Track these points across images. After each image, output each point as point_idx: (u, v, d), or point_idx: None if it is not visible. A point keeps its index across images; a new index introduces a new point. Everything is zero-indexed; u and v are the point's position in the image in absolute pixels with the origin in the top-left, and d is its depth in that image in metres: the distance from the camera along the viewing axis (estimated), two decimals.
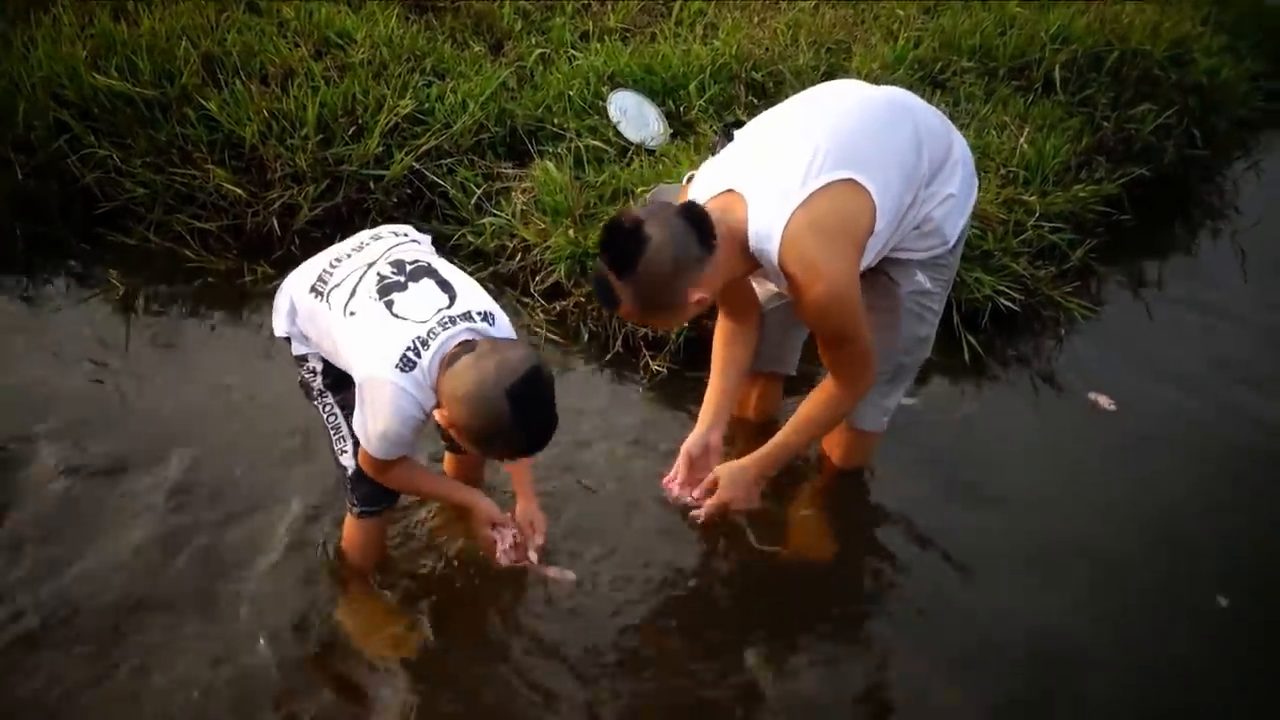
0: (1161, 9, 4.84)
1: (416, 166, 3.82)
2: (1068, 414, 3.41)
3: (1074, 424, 3.37)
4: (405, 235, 2.44)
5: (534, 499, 2.55)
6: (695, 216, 2.23)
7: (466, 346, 2.16)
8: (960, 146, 2.49)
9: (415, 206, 3.86)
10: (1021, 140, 3.95)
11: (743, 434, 3.01)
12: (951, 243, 2.50)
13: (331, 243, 2.51)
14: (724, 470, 2.56)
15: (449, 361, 2.15)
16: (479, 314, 2.24)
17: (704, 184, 2.38)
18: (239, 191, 3.67)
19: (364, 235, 2.43)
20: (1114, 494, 3.09)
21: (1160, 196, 4.42)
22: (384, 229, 2.46)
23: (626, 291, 2.23)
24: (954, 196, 2.43)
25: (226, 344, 3.41)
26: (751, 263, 2.33)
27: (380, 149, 3.79)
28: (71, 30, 3.98)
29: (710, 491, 2.57)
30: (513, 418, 2.07)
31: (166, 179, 3.70)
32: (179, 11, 4.13)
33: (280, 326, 2.44)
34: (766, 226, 2.24)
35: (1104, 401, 3.43)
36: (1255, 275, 4.18)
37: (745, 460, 2.57)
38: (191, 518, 2.82)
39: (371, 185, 3.77)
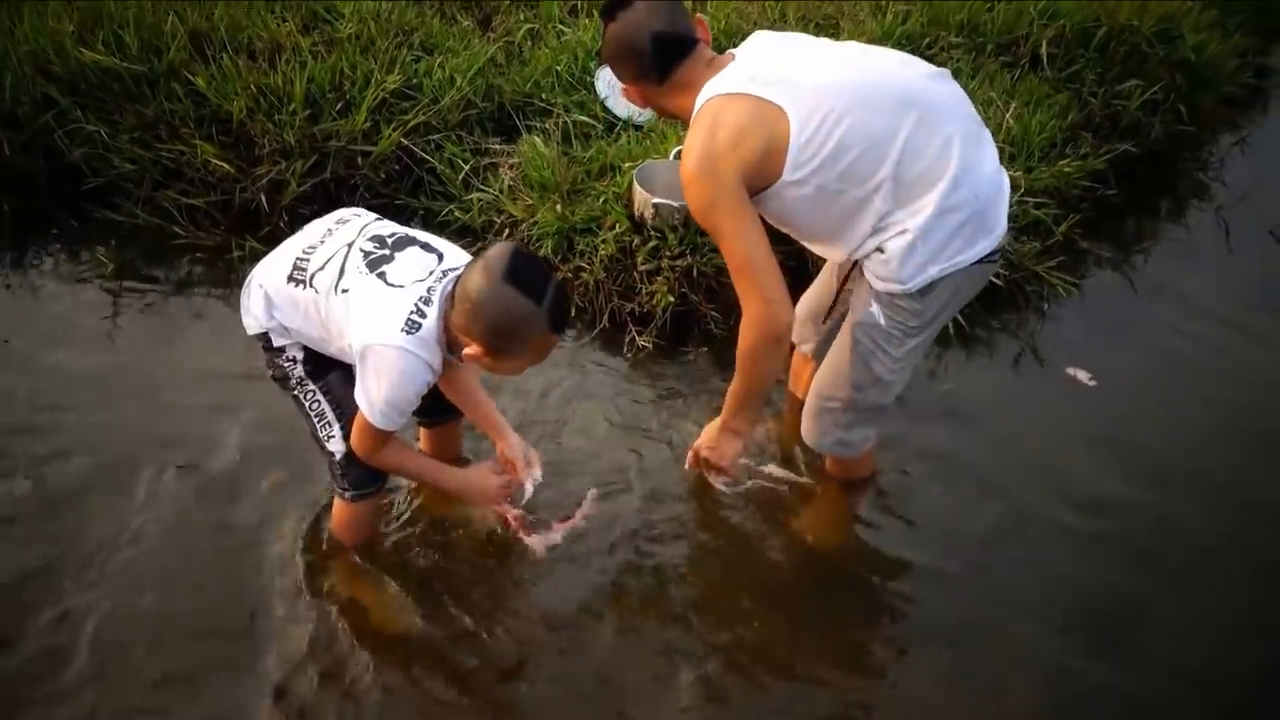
0: None
1: (404, 142, 3.83)
2: (1048, 388, 3.43)
3: (1053, 398, 3.39)
4: (371, 215, 2.46)
5: (512, 433, 2.62)
6: (665, 47, 2.33)
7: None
8: (948, 194, 2.27)
9: (403, 182, 3.87)
10: (1008, 116, 3.95)
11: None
12: (909, 285, 2.35)
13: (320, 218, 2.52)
14: (703, 433, 2.72)
15: (451, 306, 2.20)
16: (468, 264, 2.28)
17: (743, 45, 2.42)
18: (227, 167, 3.67)
19: (328, 222, 2.43)
20: (1087, 469, 3.12)
21: (1147, 172, 4.43)
22: (346, 212, 2.48)
23: (606, 37, 2.38)
24: (908, 233, 2.30)
25: (215, 320, 3.42)
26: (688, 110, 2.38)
27: (368, 124, 3.80)
28: (58, 4, 3.98)
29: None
30: (523, 296, 2.11)
31: (154, 154, 3.71)
32: None
33: (254, 324, 2.42)
34: (708, 91, 2.31)
35: (1083, 376, 3.45)
36: (1239, 250, 4.20)
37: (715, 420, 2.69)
38: (177, 499, 2.84)
39: (359, 161, 3.78)
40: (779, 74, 2.29)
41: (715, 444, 2.67)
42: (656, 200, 3.44)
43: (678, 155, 3.58)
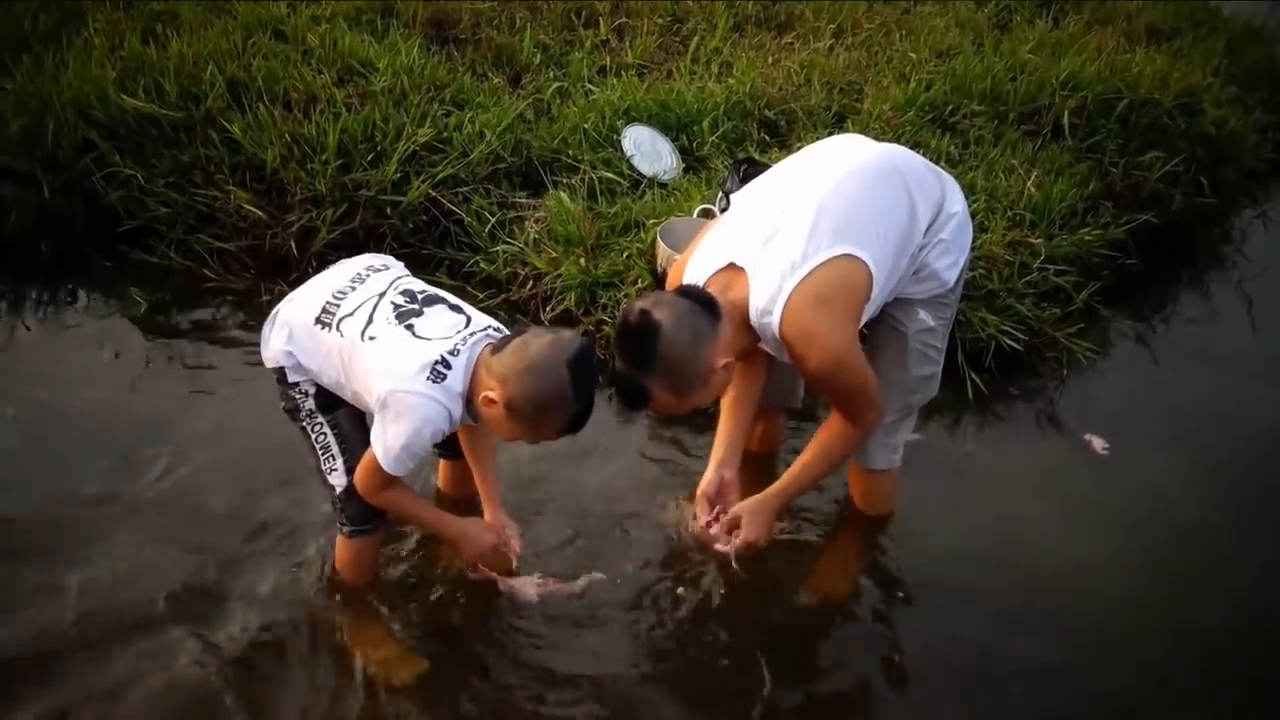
0: (1171, 59, 4.90)
1: (433, 194, 3.90)
2: (1064, 455, 3.42)
3: (1069, 465, 3.38)
4: (401, 267, 2.56)
5: (501, 510, 2.66)
6: (695, 294, 2.36)
7: (503, 341, 2.31)
8: (953, 198, 2.57)
9: (431, 233, 3.92)
10: (1029, 184, 4.00)
11: (747, 467, 3.04)
12: (950, 284, 2.60)
13: None
14: (744, 509, 2.60)
15: (491, 353, 2.29)
16: (493, 328, 2.39)
17: (705, 258, 2.48)
18: (259, 213, 3.75)
19: (357, 266, 2.51)
20: (1101, 539, 3.10)
21: (1167, 242, 4.44)
22: (376, 259, 2.55)
23: (655, 381, 2.32)
24: (945, 241, 2.53)
25: (242, 363, 3.45)
26: (754, 335, 2.43)
27: (398, 175, 3.87)
28: (101, 52, 4.10)
29: (732, 531, 2.60)
30: (572, 386, 2.21)
31: (188, 199, 3.79)
32: (207, 36, 4.25)
33: (271, 359, 2.48)
34: (767, 303, 2.35)
35: (1098, 444, 3.44)
36: (1261, 322, 4.19)
37: (763, 496, 2.61)
38: (193, 537, 2.86)
39: (389, 211, 3.84)
40: (807, 233, 2.34)
41: (761, 526, 2.58)
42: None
43: (701, 213, 3.63)
